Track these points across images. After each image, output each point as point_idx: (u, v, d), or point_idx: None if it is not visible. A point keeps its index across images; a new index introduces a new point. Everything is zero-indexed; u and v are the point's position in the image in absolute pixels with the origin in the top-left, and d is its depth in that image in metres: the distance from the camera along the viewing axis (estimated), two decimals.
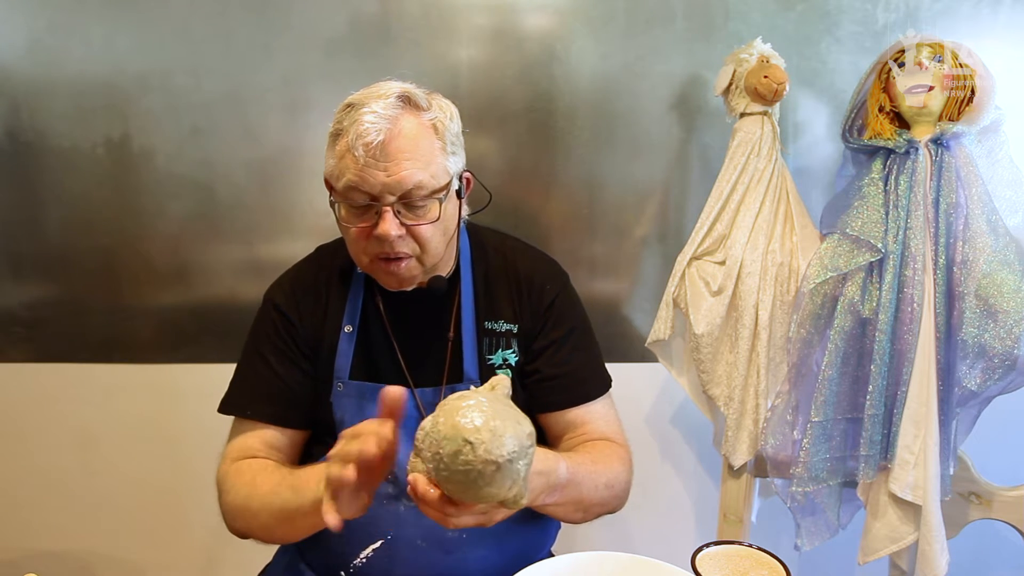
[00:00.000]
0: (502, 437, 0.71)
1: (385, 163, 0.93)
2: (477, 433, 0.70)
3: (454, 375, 1.07)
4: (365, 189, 0.94)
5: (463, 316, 1.08)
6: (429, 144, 0.96)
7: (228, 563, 1.78)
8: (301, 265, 1.15)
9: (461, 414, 0.72)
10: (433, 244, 1.00)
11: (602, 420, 1.10)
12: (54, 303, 1.69)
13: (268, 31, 1.59)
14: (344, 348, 1.06)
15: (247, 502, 0.96)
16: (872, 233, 1.33)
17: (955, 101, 1.32)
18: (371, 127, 0.92)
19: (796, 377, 1.40)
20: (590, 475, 0.98)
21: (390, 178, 0.93)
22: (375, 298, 1.09)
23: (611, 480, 1.02)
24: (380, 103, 0.94)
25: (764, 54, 1.42)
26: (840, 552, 1.57)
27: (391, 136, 0.93)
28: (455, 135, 1.01)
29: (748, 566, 0.80)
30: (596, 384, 1.11)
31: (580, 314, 1.14)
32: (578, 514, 1.01)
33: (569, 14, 1.61)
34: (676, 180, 1.68)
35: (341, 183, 0.96)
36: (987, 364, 1.30)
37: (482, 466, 0.70)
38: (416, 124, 0.96)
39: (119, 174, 1.64)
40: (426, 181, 0.95)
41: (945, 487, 1.35)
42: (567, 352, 1.09)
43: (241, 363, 1.10)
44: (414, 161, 0.94)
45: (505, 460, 0.70)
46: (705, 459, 1.77)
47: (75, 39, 1.58)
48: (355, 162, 0.93)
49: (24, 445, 1.73)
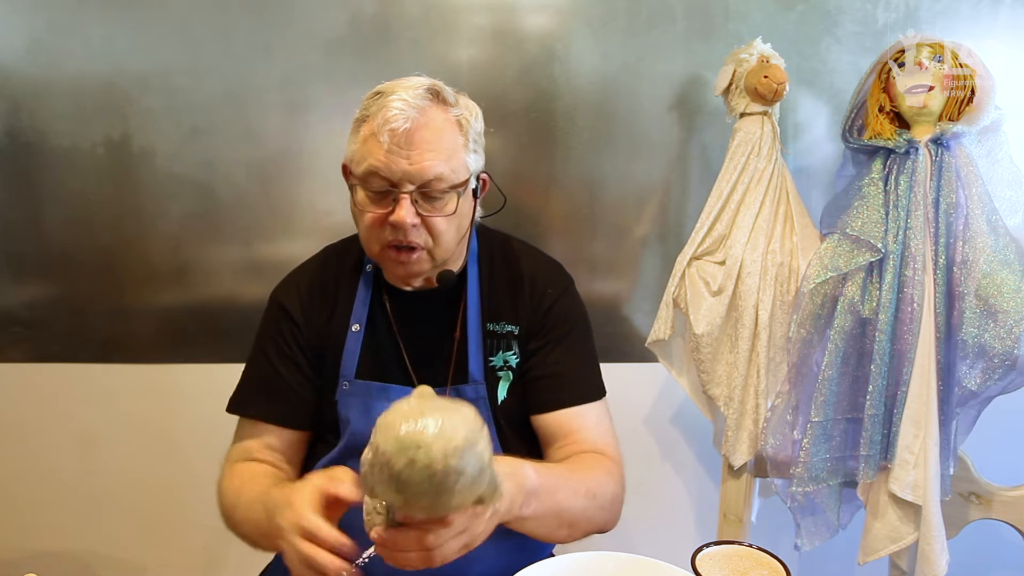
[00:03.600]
0: (449, 426, 0.65)
1: (409, 151, 0.94)
2: (421, 435, 0.65)
3: (459, 376, 1.07)
4: (385, 175, 0.95)
5: (469, 317, 1.08)
6: (453, 138, 0.98)
7: (228, 563, 1.78)
8: (308, 264, 1.16)
9: (398, 427, 0.66)
10: (446, 238, 1.00)
11: (594, 429, 1.06)
12: (54, 303, 1.69)
13: (268, 31, 1.59)
14: (351, 347, 1.07)
15: (232, 512, 0.98)
16: (872, 233, 1.33)
17: (955, 101, 1.32)
18: (399, 114, 0.93)
19: (796, 377, 1.40)
20: (566, 480, 0.94)
21: (412, 166, 0.94)
22: (382, 297, 1.09)
23: (593, 489, 0.97)
24: (409, 92, 0.95)
25: (764, 54, 1.42)
26: (840, 552, 1.57)
27: (417, 125, 0.94)
28: (478, 134, 1.03)
29: (748, 566, 0.80)
30: (588, 389, 1.09)
31: (580, 319, 1.13)
32: (563, 530, 0.95)
33: (569, 14, 1.61)
34: (676, 180, 1.68)
35: (362, 168, 0.97)
36: (987, 364, 1.30)
37: (443, 462, 0.65)
38: (442, 118, 0.97)
39: (119, 174, 1.63)
40: (446, 174, 0.96)
41: (945, 487, 1.35)
42: (560, 353, 1.08)
43: (247, 363, 1.11)
44: (437, 153, 0.95)
45: (464, 443, 0.65)
46: (705, 459, 1.77)
47: (75, 39, 1.58)
48: (379, 147, 0.94)
49: (24, 445, 1.73)
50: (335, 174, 1.44)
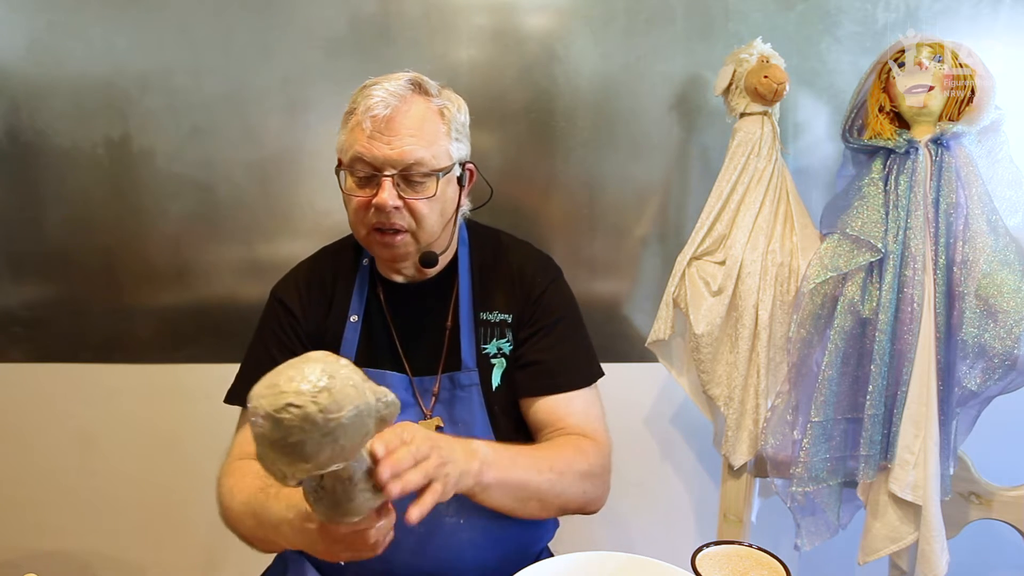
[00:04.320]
0: (291, 373, 0.61)
1: (389, 137, 1.00)
2: (283, 395, 0.59)
3: (451, 363, 1.11)
4: (368, 159, 1.01)
5: (460, 307, 1.12)
6: (433, 126, 1.03)
7: (228, 563, 1.78)
8: (306, 263, 1.21)
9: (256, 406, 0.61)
10: (429, 221, 1.05)
11: (580, 416, 1.09)
12: (54, 303, 1.69)
13: (268, 31, 1.59)
14: (349, 336, 1.11)
15: (227, 513, 1.00)
16: (872, 233, 1.33)
17: (955, 101, 1.32)
18: (380, 101, 1.00)
19: (796, 377, 1.40)
20: (525, 457, 0.98)
21: (393, 151, 1.00)
22: (376, 289, 1.14)
23: (558, 466, 1.00)
24: (391, 83, 1.02)
25: (764, 54, 1.42)
26: (840, 552, 1.57)
27: (397, 112, 1.00)
28: (461, 124, 1.08)
29: (748, 566, 0.80)
30: (576, 376, 1.12)
31: (569, 306, 1.17)
32: (532, 503, 0.99)
33: (569, 14, 1.61)
34: (676, 180, 1.68)
35: (348, 155, 1.03)
36: (987, 364, 1.30)
37: (314, 403, 0.59)
38: (423, 106, 1.03)
39: (119, 174, 1.64)
40: (427, 159, 1.02)
41: (945, 487, 1.35)
42: (549, 341, 1.12)
43: (246, 355, 1.15)
44: (417, 139, 1.01)
45: (317, 375, 0.61)
46: (705, 459, 1.77)
47: (75, 39, 1.58)
48: (362, 134, 1.00)
49: (24, 445, 1.73)
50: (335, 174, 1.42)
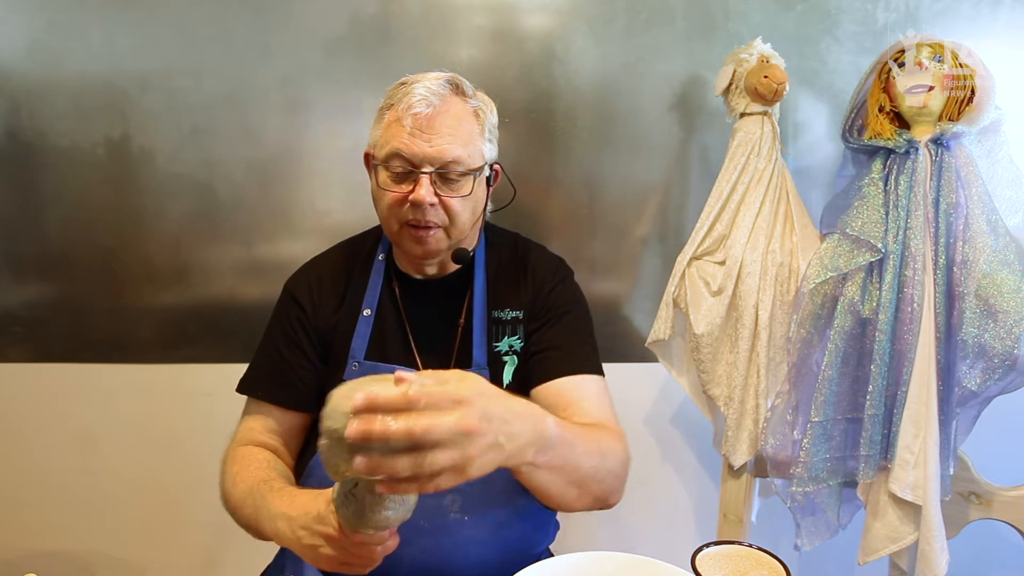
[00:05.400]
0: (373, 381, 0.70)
1: (429, 135, 1.02)
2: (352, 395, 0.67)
3: (463, 361, 1.12)
4: (407, 156, 1.02)
5: (475, 305, 1.13)
6: (470, 127, 1.05)
7: (228, 563, 1.78)
8: (320, 257, 1.23)
9: (336, 403, 0.72)
10: (462, 219, 1.07)
11: (594, 400, 1.07)
12: (54, 303, 1.68)
13: (268, 31, 1.59)
14: (362, 330, 1.12)
15: (228, 498, 1.03)
16: (872, 233, 1.33)
17: (955, 101, 1.32)
18: (422, 100, 1.01)
19: (796, 377, 1.40)
20: (582, 437, 0.91)
21: (432, 149, 1.02)
22: (391, 283, 1.15)
23: (604, 449, 0.95)
24: (431, 82, 1.04)
25: (764, 54, 1.42)
26: (840, 552, 1.57)
27: (438, 112, 1.02)
28: (493, 126, 1.11)
29: (748, 566, 0.80)
30: (586, 362, 1.10)
31: (578, 304, 1.17)
32: (572, 490, 0.92)
33: (569, 14, 1.61)
34: (676, 180, 1.68)
35: (385, 150, 1.04)
36: (987, 364, 1.30)
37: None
38: (461, 107, 1.05)
39: (119, 174, 1.63)
40: (463, 158, 1.04)
41: (945, 487, 1.35)
42: (559, 330, 1.12)
43: (258, 348, 1.17)
44: (455, 138, 1.03)
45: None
46: (705, 459, 1.77)
47: (75, 39, 1.58)
48: (402, 131, 1.02)
49: (24, 445, 1.73)
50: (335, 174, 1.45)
